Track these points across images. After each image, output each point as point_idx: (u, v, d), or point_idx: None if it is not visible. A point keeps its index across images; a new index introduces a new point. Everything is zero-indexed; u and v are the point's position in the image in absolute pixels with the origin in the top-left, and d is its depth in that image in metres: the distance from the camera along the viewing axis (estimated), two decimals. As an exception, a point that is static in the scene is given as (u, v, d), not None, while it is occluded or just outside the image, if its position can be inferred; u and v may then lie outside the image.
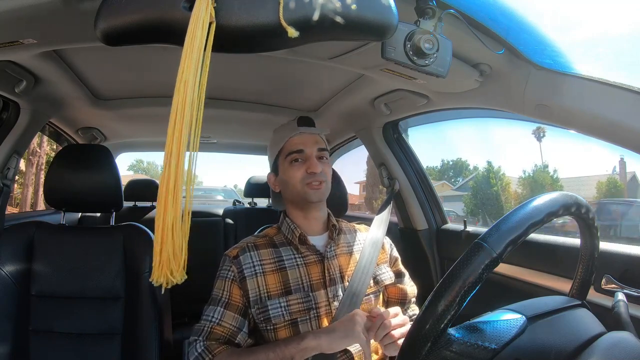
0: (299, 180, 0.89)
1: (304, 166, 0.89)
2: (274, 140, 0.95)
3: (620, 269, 0.82)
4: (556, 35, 0.73)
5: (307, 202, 0.90)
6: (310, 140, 0.91)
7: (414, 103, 1.15)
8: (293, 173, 0.89)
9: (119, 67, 1.16)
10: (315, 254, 0.89)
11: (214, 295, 0.85)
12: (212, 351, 0.79)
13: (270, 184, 0.98)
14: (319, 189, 0.89)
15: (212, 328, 0.81)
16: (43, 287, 1.03)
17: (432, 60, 0.62)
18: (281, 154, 0.92)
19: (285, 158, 0.91)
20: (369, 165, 8.68)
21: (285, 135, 0.91)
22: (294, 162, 0.90)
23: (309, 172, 0.88)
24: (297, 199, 0.90)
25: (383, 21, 0.49)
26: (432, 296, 0.46)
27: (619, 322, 0.56)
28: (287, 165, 0.90)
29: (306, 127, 0.92)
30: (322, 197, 0.91)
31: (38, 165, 8.19)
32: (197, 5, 0.41)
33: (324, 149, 0.92)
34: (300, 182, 0.89)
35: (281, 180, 0.93)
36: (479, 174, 15.07)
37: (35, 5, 0.60)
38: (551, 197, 0.51)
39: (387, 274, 0.96)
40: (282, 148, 0.92)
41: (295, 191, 0.90)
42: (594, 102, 0.71)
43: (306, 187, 0.88)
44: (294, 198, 0.92)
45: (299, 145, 0.90)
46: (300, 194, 0.89)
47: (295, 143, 0.90)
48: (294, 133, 0.90)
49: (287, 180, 0.91)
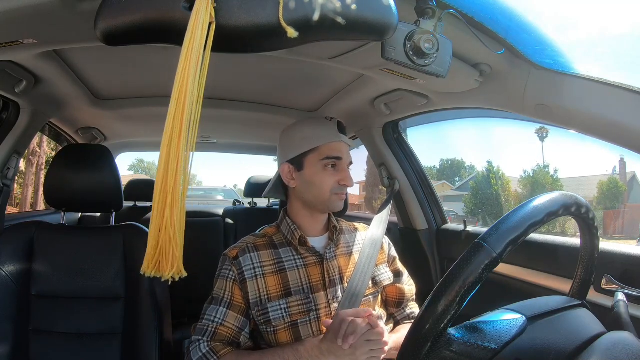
0: (329, 189, 0.88)
1: (337, 175, 0.89)
2: (306, 135, 0.91)
3: (620, 269, 0.82)
4: (556, 35, 0.73)
5: (328, 210, 0.91)
6: (346, 150, 0.91)
7: (414, 103, 1.15)
8: (325, 179, 0.88)
9: (119, 67, 1.16)
10: (315, 255, 0.89)
11: (215, 295, 0.85)
12: (218, 352, 0.79)
13: (284, 175, 0.92)
14: (343, 200, 0.91)
15: (216, 329, 0.81)
16: (43, 287, 1.03)
17: (432, 60, 0.62)
18: (314, 152, 0.89)
19: (320, 160, 0.89)
20: (369, 165, 8.68)
21: (325, 137, 0.90)
22: (329, 167, 0.89)
23: (341, 183, 0.89)
24: (317, 203, 0.90)
25: (383, 21, 0.49)
26: (432, 296, 0.46)
27: (619, 322, 0.56)
28: (320, 169, 0.88)
29: (345, 136, 0.92)
30: (342, 207, 0.93)
31: (38, 165, 8.19)
32: (197, 5, 0.41)
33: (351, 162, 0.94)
34: (330, 191, 0.88)
35: (305, 179, 0.90)
36: (479, 173, 15.08)
37: (35, 5, 0.60)
38: (551, 197, 0.51)
39: (385, 274, 0.96)
40: (317, 148, 0.89)
41: (320, 196, 0.89)
42: (594, 102, 0.71)
43: (335, 196, 0.89)
44: (313, 201, 0.90)
45: (338, 153, 0.89)
46: (325, 202, 0.89)
47: (335, 149, 0.89)
48: (336, 139, 0.90)
49: (314, 183, 0.89)
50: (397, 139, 1.49)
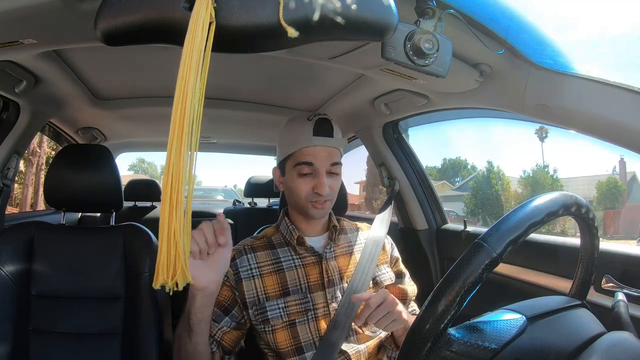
0: (303, 196, 0.85)
1: (311, 182, 0.84)
2: (284, 139, 0.89)
3: (620, 269, 0.82)
4: (556, 35, 0.73)
5: (308, 217, 0.88)
6: (323, 153, 0.84)
7: (414, 103, 1.15)
8: (299, 187, 0.85)
9: (119, 67, 1.16)
10: (314, 255, 0.89)
11: None
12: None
13: (275, 179, 0.94)
14: (323, 208, 0.86)
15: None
16: (43, 287, 1.03)
17: (432, 60, 0.62)
18: (290, 159, 0.86)
19: (293, 166, 0.85)
20: (369, 165, 8.69)
21: (298, 142, 0.85)
22: (302, 175, 0.84)
23: (315, 191, 0.84)
24: (299, 209, 0.89)
25: (383, 21, 0.49)
26: (432, 296, 0.46)
27: (619, 322, 0.56)
28: (295, 176, 0.85)
29: (323, 137, 0.84)
30: (325, 214, 0.89)
31: (38, 165, 8.19)
32: (197, 5, 0.41)
33: (337, 163, 0.86)
34: (305, 199, 0.85)
35: (286, 184, 0.89)
36: (479, 173, 15.09)
37: (35, 5, 0.60)
38: (551, 197, 0.51)
39: (387, 274, 0.96)
40: (291, 154, 0.86)
41: (298, 203, 0.87)
42: (594, 102, 0.71)
43: (310, 204, 0.85)
44: (296, 207, 0.90)
45: (309, 158, 0.84)
46: (303, 208, 0.87)
47: (308, 154, 0.84)
48: (308, 144, 0.84)
49: (291, 189, 0.87)
50: (397, 139, 1.49)
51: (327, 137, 0.85)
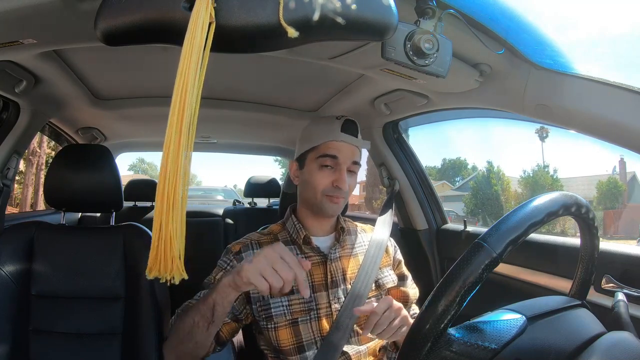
0: (321, 190, 0.86)
1: (332, 176, 0.85)
2: (310, 132, 0.90)
3: (620, 269, 0.82)
4: (556, 35, 0.73)
5: (321, 213, 0.88)
6: (348, 149, 0.87)
7: (414, 103, 1.15)
8: (319, 179, 0.86)
9: (119, 67, 1.16)
10: (319, 255, 0.89)
11: (205, 281, 0.86)
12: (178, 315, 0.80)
13: (292, 173, 0.94)
14: (337, 204, 0.87)
15: (189, 302, 0.82)
16: (43, 287, 1.03)
17: (432, 60, 0.62)
18: (313, 151, 0.88)
19: (316, 158, 0.87)
20: (369, 165, 8.68)
21: (326, 135, 0.86)
22: (324, 167, 0.86)
23: (335, 184, 0.85)
24: (312, 204, 0.89)
25: (383, 21, 0.49)
26: (432, 296, 0.46)
27: (619, 322, 0.56)
28: (315, 168, 0.87)
29: (349, 135, 0.87)
30: (338, 211, 0.90)
31: (38, 165, 8.19)
32: (197, 5, 0.41)
33: (357, 163, 0.89)
34: (322, 192, 0.86)
35: (304, 177, 0.90)
36: (479, 173, 15.09)
37: (35, 5, 0.60)
38: (551, 197, 0.51)
39: (389, 277, 0.95)
40: (317, 146, 0.87)
41: (313, 197, 0.87)
42: (594, 102, 0.71)
43: (326, 198, 0.86)
44: (309, 201, 0.89)
45: (334, 151, 0.85)
46: (317, 203, 0.87)
47: (333, 148, 0.86)
48: (335, 138, 0.86)
49: (309, 182, 0.88)
50: (397, 139, 1.49)
51: (353, 136, 0.87)
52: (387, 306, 0.75)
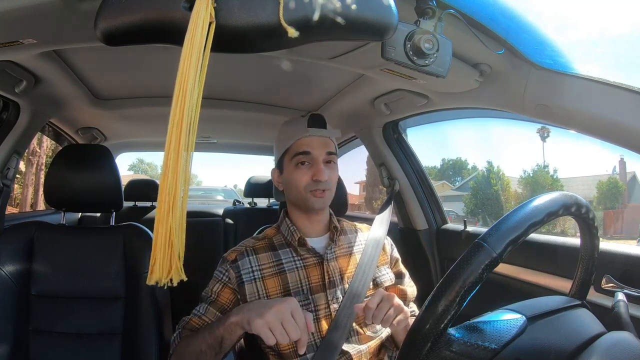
0: (303, 187, 0.87)
1: (310, 171, 0.86)
2: (281, 137, 0.92)
3: (620, 269, 0.82)
4: (556, 35, 0.73)
5: (309, 210, 0.89)
6: (319, 142, 0.88)
7: (414, 103, 1.15)
8: (298, 177, 0.87)
9: (119, 67, 1.16)
10: (315, 256, 0.89)
11: (204, 294, 0.87)
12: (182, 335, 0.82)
13: (274, 180, 0.96)
14: (322, 197, 0.87)
15: (190, 319, 0.84)
16: (43, 287, 1.03)
17: (432, 60, 0.62)
18: (287, 153, 0.89)
19: (291, 159, 0.88)
20: (369, 165, 8.69)
21: (294, 135, 0.88)
22: (300, 165, 0.87)
23: (314, 179, 0.86)
24: (299, 203, 0.89)
25: (383, 21, 0.49)
26: (432, 296, 0.46)
27: (619, 322, 0.56)
28: (293, 168, 0.88)
29: (317, 128, 0.88)
30: (325, 205, 0.90)
31: (38, 165, 8.19)
32: (197, 5, 0.41)
33: (332, 153, 0.89)
34: (304, 189, 0.87)
35: (285, 180, 0.91)
36: (479, 173, 15.10)
37: (35, 5, 0.60)
38: (551, 197, 0.51)
39: (387, 275, 0.95)
40: (289, 148, 0.89)
41: (298, 196, 0.88)
42: (594, 102, 0.71)
43: (309, 194, 0.86)
44: (296, 201, 0.90)
45: (306, 147, 0.87)
46: (303, 200, 0.88)
47: (303, 144, 0.87)
48: (304, 135, 0.87)
49: (290, 182, 0.89)
50: (397, 139, 1.49)
51: (321, 128, 0.88)
52: (380, 299, 0.76)
